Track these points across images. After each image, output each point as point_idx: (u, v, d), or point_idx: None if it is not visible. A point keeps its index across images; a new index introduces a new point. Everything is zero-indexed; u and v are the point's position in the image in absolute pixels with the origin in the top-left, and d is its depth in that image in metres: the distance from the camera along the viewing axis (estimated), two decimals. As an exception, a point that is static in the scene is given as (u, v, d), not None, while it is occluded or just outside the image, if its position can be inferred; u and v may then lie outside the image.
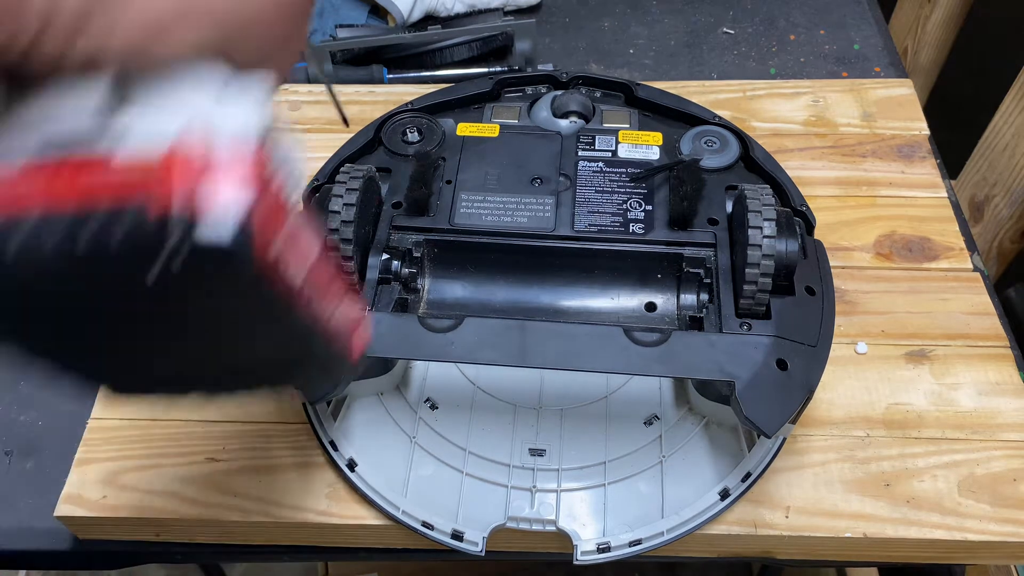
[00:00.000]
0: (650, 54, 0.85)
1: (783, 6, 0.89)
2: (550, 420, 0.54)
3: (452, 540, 0.50)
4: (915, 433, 0.55)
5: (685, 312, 0.53)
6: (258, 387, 0.35)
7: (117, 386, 0.33)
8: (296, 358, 0.33)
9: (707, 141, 0.60)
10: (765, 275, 0.48)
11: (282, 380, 0.35)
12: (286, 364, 0.33)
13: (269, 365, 0.33)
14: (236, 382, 0.34)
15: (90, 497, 0.53)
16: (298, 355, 0.33)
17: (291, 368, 0.34)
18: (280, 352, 0.32)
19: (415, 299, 0.54)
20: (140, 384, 0.33)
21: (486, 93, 0.64)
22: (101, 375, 0.32)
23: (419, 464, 0.53)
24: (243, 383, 0.34)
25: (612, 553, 0.50)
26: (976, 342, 0.59)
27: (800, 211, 0.56)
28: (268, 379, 0.34)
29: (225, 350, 0.30)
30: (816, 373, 0.48)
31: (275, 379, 0.35)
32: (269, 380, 0.35)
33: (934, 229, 0.65)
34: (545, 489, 0.51)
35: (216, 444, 0.55)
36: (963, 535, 0.51)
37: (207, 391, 0.34)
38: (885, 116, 0.73)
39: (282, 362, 0.33)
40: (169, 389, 0.34)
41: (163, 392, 0.34)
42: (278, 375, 0.34)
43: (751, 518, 0.52)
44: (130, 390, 0.34)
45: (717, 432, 0.54)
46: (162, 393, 0.34)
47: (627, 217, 0.55)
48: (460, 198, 0.56)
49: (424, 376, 0.57)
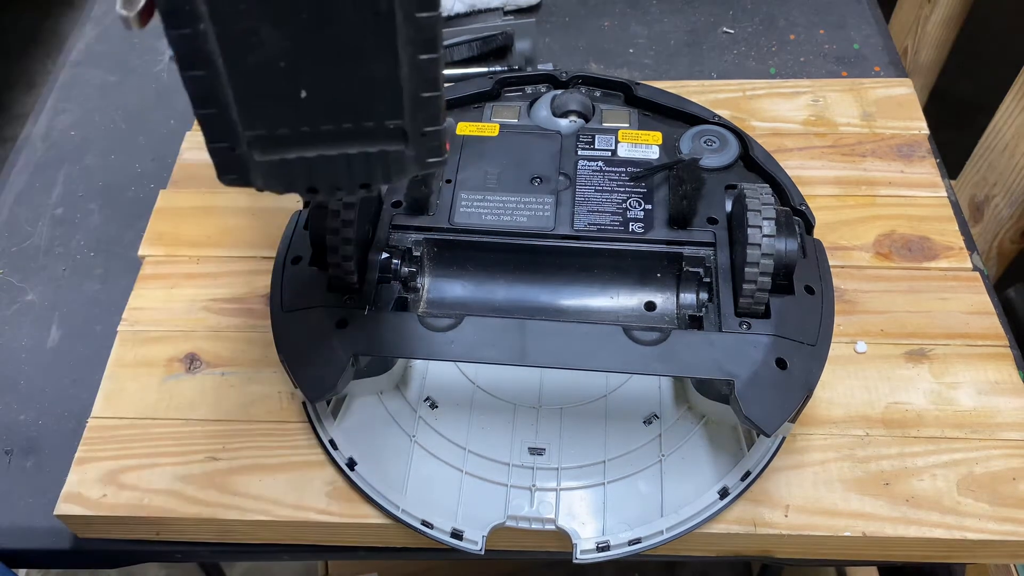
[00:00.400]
0: (650, 54, 0.85)
1: (783, 6, 0.89)
2: (550, 419, 0.54)
3: (452, 539, 0.50)
4: (914, 432, 0.55)
5: (684, 311, 0.53)
6: (370, 129, 0.35)
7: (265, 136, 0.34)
8: (415, 98, 0.34)
9: (707, 140, 0.60)
10: (764, 274, 0.48)
11: (392, 115, 0.35)
12: (399, 101, 0.34)
13: (389, 96, 0.34)
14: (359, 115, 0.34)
15: (90, 496, 0.53)
16: (417, 95, 0.34)
17: (401, 105, 0.34)
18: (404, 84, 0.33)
19: (415, 298, 0.54)
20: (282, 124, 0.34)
21: (486, 92, 0.64)
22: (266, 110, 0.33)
23: (419, 463, 0.53)
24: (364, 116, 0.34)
25: (611, 552, 0.50)
26: (975, 341, 0.59)
27: (799, 210, 0.56)
28: (379, 113, 0.34)
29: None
30: (815, 372, 0.48)
31: (384, 113, 0.34)
32: (382, 116, 0.34)
33: (934, 228, 0.65)
34: (545, 488, 0.51)
35: (216, 443, 0.55)
36: (962, 534, 0.51)
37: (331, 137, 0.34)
38: (885, 116, 0.73)
39: (397, 97, 0.34)
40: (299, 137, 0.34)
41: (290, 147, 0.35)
42: (389, 109, 0.34)
43: (750, 517, 0.52)
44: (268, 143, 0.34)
45: (716, 431, 0.54)
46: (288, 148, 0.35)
47: (627, 216, 0.55)
48: (460, 197, 0.56)
49: (424, 375, 0.57)
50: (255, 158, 0.35)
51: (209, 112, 0.33)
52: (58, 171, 0.76)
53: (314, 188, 0.36)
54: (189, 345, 0.60)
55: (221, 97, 0.33)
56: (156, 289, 0.64)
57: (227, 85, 0.32)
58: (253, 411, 0.57)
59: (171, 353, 0.60)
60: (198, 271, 0.65)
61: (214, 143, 0.34)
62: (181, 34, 0.31)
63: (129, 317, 0.62)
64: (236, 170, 0.35)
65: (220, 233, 0.67)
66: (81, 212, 0.73)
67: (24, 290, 0.68)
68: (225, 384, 0.58)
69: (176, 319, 0.62)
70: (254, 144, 0.34)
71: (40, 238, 0.71)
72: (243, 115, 0.33)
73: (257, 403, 0.57)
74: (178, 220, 0.68)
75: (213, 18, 0.30)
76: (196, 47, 0.31)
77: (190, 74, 0.32)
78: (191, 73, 0.32)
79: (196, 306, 0.63)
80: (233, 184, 0.36)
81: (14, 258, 0.70)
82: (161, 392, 0.58)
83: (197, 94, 0.33)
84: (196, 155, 0.73)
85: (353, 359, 0.48)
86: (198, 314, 0.62)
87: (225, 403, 0.57)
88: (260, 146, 0.34)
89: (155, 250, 0.66)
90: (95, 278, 0.68)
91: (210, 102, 0.33)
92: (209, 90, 0.32)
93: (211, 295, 0.63)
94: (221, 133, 0.34)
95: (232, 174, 0.35)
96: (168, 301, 0.63)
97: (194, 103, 0.33)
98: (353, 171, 0.36)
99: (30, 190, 0.75)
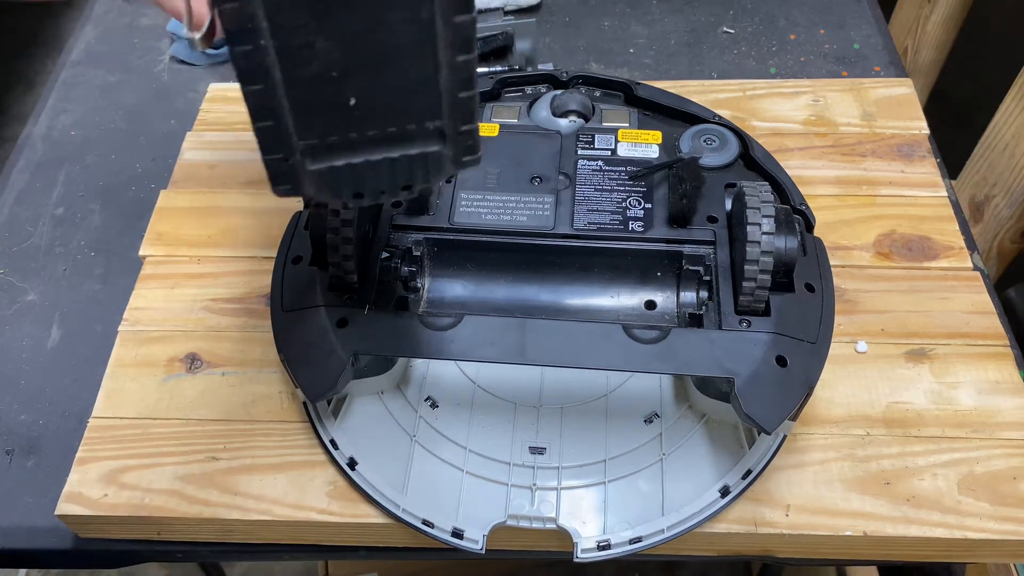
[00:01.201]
0: (650, 53, 0.85)
1: (783, 5, 0.89)
2: (550, 418, 0.54)
3: (452, 538, 0.50)
4: (915, 432, 0.55)
5: (685, 309, 0.53)
6: (410, 128, 0.36)
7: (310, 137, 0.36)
8: (453, 98, 0.36)
9: (706, 139, 0.60)
10: (764, 272, 0.48)
11: (432, 117, 0.36)
12: (439, 102, 0.36)
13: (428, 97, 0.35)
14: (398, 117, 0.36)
15: (91, 496, 0.54)
16: (455, 96, 0.35)
17: (441, 106, 0.36)
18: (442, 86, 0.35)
19: (415, 298, 0.54)
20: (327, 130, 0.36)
21: (486, 92, 0.64)
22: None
23: (419, 462, 0.53)
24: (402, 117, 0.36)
25: (612, 550, 0.50)
26: (976, 341, 0.59)
27: (800, 209, 0.56)
28: (420, 116, 0.36)
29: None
30: (816, 370, 0.48)
31: (425, 115, 0.36)
32: (421, 117, 0.36)
33: (934, 228, 0.65)
34: (545, 487, 0.51)
35: (217, 443, 0.55)
36: (963, 533, 0.51)
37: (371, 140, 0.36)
38: (885, 115, 0.73)
39: (437, 99, 0.35)
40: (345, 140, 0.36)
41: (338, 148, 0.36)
42: (429, 111, 0.36)
43: (751, 516, 0.52)
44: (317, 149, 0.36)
45: (717, 430, 0.54)
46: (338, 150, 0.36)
47: (626, 215, 0.55)
48: (460, 197, 0.56)
49: (424, 374, 0.57)
50: (307, 167, 0.36)
51: (266, 124, 0.35)
52: (58, 171, 0.76)
53: (360, 193, 0.38)
54: (190, 345, 0.60)
55: (277, 109, 0.34)
56: (157, 289, 0.64)
57: (283, 97, 0.34)
58: (254, 411, 0.57)
59: (172, 353, 0.60)
60: (199, 271, 0.65)
61: (269, 155, 0.36)
62: (243, 51, 0.32)
63: (130, 317, 0.62)
64: (289, 180, 0.37)
65: (221, 233, 0.67)
66: (81, 212, 0.73)
67: (25, 290, 0.68)
68: (226, 384, 0.58)
69: (177, 319, 0.62)
70: (306, 153, 0.36)
71: (40, 238, 0.71)
72: (297, 125, 0.35)
73: (258, 403, 0.57)
74: (179, 220, 0.68)
75: (273, 34, 0.32)
76: (256, 63, 0.33)
77: (250, 88, 0.34)
78: (251, 88, 0.34)
79: (197, 306, 0.63)
80: (286, 195, 0.37)
81: (15, 258, 0.70)
82: (162, 392, 0.58)
83: (256, 107, 0.34)
84: (197, 155, 0.73)
85: (353, 358, 0.48)
86: (199, 314, 0.62)
87: (226, 403, 0.57)
88: (312, 155, 0.36)
89: (156, 250, 0.66)
90: (96, 278, 0.68)
91: (267, 114, 0.35)
92: (267, 103, 0.34)
93: (212, 295, 0.63)
94: (276, 144, 0.36)
95: (285, 185, 0.37)
96: (169, 301, 0.63)
97: (253, 116, 0.35)
98: (396, 174, 0.37)
99: (30, 190, 0.75)
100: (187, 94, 0.82)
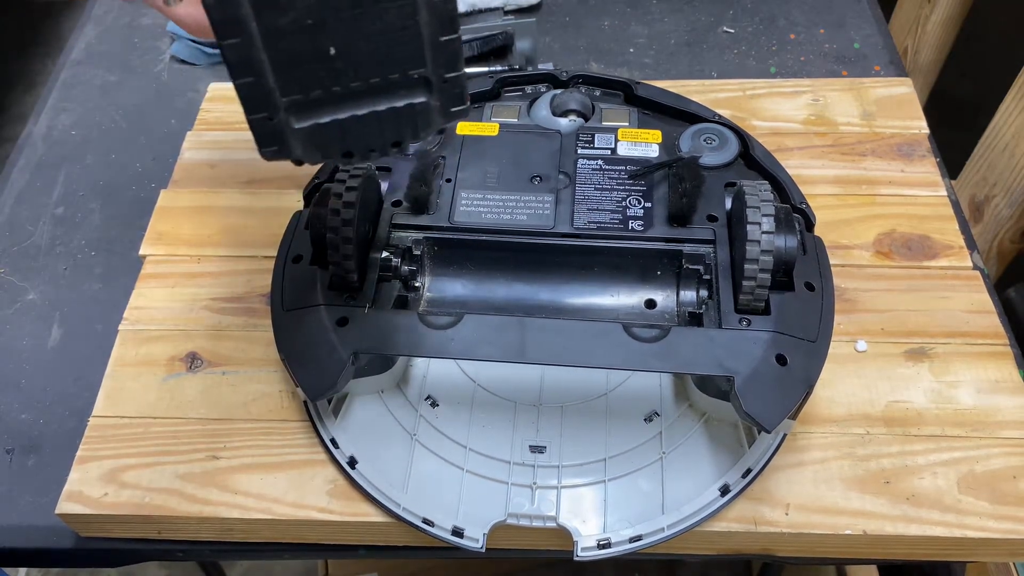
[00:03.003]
0: (650, 53, 0.85)
1: (783, 5, 0.89)
2: (550, 417, 0.54)
3: (453, 537, 0.50)
4: (915, 431, 0.55)
5: (685, 308, 0.53)
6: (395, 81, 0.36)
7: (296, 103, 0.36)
8: (434, 43, 0.36)
9: (706, 139, 0.60)
10: (764, 271, 0.48)
11: (414, 64, 0.36)
12: (420, 48, 0.36)
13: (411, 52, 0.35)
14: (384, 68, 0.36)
15: (91, 495, 0.54)
16: (436, 40, 0.36)
17: (423, 52, 0.36)
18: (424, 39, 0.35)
19: (415, 297, 0.54)
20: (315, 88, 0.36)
21: (486, 92, 0.64)
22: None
23: (420, 461, 0.53)
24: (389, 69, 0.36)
25: (612, 549, 0.50)
26: (976, 340, 0.59)
27: (800, 208, 0.56)
28: (403, 63, 0.36)
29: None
30: (816, 368, 0.48)
31: (408, 62, 0.36)
32: (406, 66, 0.36)
33: (934, 227, 0.65)
34: (545, 486, 0.51)
35: (217, 442, 0.56)
36: (963, 532, 0.51)
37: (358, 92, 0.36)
38: (885, 115, 0.73)
39: (418, 44, 0.35)
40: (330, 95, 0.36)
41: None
42: (412, 58, 0.36)
43: (751, 515, 0.52)
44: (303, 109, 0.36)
45: (717, 428, 0.54)
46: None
47: (626, 214, 0.55)
48: (460, 196, 0.56)
49: (424, 373, 0.57)
50: (292, 125, 0.36)
51: (247, 81, 0.35)
52: (59, 170, 0.76)
53: (349, 152, 0.38)
54: (190, 344, 0.61)
55: (257, 64, 0.35)
56: (157, 288, 0.64)
57: (262, 50, 0.34)
58: (254, 410, 0.57)
59: (172, 352, 0.60)
60: (199, 270, 0.65)
61: (253, 114, 0.36)
62: (217, 2, 0.33)
63: (130, 316, 0.62)
64: (275, 141, 0.37)
65: (221, 232, 0.67)
66: (82, 211, 0.73)
67: (25, 289, 0.68)
68: (226, 383, 0.58)
69: (177, 318, 0.62)
70: (290, 110, 0.36)
71: (41, 237, 0.71)
72: (279, 80, 0.35)
73: (258, 402, 0.57)
74: (179, 219, 0.68)
75: None
76: (232, 15, 0.33)
77: (227, 43, 0.34)
78: (228, 42, 0.34)
79: (197, 305, 0.63)
80: (274, 157, 0.37)
81: (15, 257, 0.70)
82: (162, 391, 0.58)
83: (235, 62, 0.35)
84: (197, 154, 0.73)
85: (353, 357, 0.48)
86: (199, 313, 0.62)
87: (226, 402, 0.57)
88: (296, 111, 0.36)
89: (156, 249, 0.66)
90: (96, 277, 0.68)
91: (247, 69, 0.35)
92: (246, 57, 0.34)
93: (212, 294, 0.63)
94: (259, 102, 0.36)
95: (272, 146, 0.37)
96: (169, 300, 0.63)
97: (232, 72, 0.35)
98: (384, 129, 0.37)
99: (31, 189, 0.75)
100: (187, 94, 0.82)
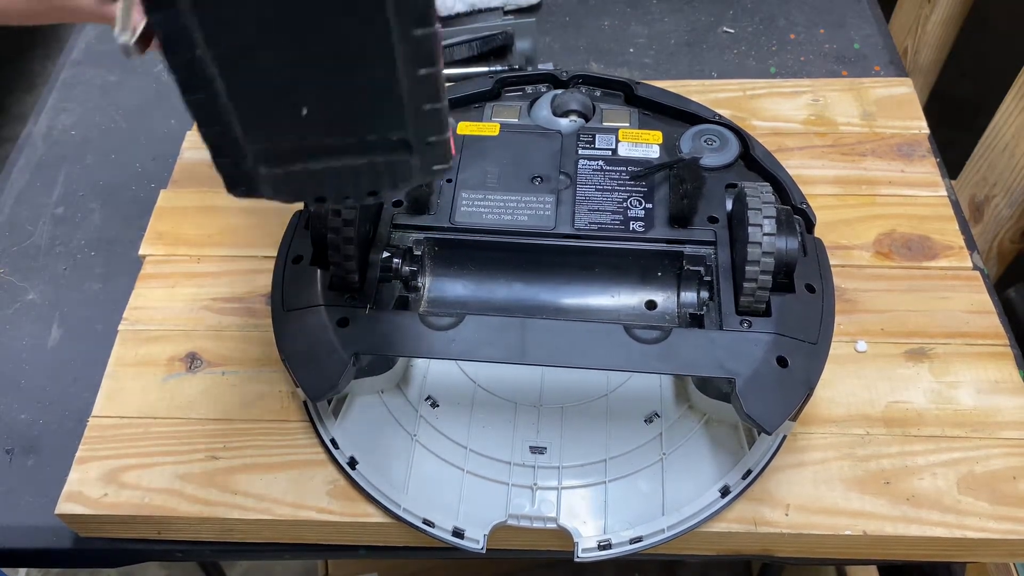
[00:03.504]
0: (650, 53, 0.85)
1: (783, 5, 0.89)
2: (551, 418, 0.54)
3: (453, 537, 0.50)
4: (915, 431, 0.55)
5: (685, 310, 0.53)
6: (373, 141, 0.35)
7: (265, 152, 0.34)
8: (417, 110, 0.34)
9: (707, 139, 0.60)
10: (765, 272, 0.48)
11: (395, 128, 0.34)
12: (401, 115, 0.34)
13: (390, 107, 0.33)
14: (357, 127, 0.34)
15: (91, 495, 0.54)
16: (419, 108, 0.34)
17: (404, 119, 0.34)
18: (405, 94, 0.33)
19: (416, 297, 0.54)
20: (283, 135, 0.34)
21: (486, 92, 0.64)
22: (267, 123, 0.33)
23: (420, 462, 0.53)
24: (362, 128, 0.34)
25: (613, 550, 0.50)
26: (976, 340, 0.59)
27: (800, 209, 0.56)
28: (381, 127, 0.34)
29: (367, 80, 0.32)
30: (816, 370, 0.48)
31: (387, 127, 0.34)
32: (382, 128, 0.34)
33: (934, 228, 0.65)
34: (546, 487, 0.51)
35: (217, 442, 0.55)
36: (962, 533, 0.51)
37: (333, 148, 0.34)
38: (885, 115, 0.73)
39: (399, 111, 0.33)
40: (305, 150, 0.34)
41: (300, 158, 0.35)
42: (391, 123, 0.34)
43: (751, 516, 0.52)
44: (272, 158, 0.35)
45: (717, 430, 0.54)
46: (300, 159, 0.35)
47: (627, 215, 0.55)
48: (460, 196, 0.56)
49: (425, 374, 0.57)
50: (261, 172, 0.35)
51: (213, 130, 0.33)
52: (59, 170, 0.76)
53: (322, 197, 0.37)
54: (190, 344, 0.60)
55: (223, 116, 0.33)
56: (157, 288, 0.64)
57: (228, 104, 0.32)
58: (254, 410, 0.57)
59: (172, 352, 0.60)
60: (199, 270, 0.65)
61: (219, 158, 0.35)
62: (179, 60, 0.31)
63: (130, 316, 0.62)
64: (243, 183, 0.36)
65: (221, 232, 0.67)
66: (82, 211, 0.73)
67: (25, 289, 0.68)
68: (226, 383, 0.58)
69: (177, 318, 0.62)
70: (259, 158, 0.35)
71: (41, 237, 0.71)
72: (246, 132, 0.34)
73: (258, 402, 0.57)
74: (179, 219, 0.68)
75: (208, 42, 0.30)
76: (194, 71, 0.31)
77: (191, 98, 0.32)
78: (192, 97, 0.32)
79: (197, 305, 0.63)
80: (243, 196, 0.36)
81: (15, 257, 0.70)
82: (162, 391, 0.58)
83: (199, 115, 0.33)
84: (196, 154, 0.73)
85: (354, 358, 0.48)
86: (199, 313, 0.62)
87: (226, 402, 0.57)
88: (264, 160, 0.35)
89: (156, 249, 0.66)
90: (96, 277, 0.68)
91: (213, 121, 0.33)
92: (211, 110, 0.33)
93: (212, 294, 0.63)
94: (225, 150, 0.34)
95: (240, 187, 0.36)
96: (169, 300, 0.63)
97: (198, 123, 0.33)
98: (360, 181, 0.36)
99: (31, 189, 0.75)
100: (187, 93, 0.82)
